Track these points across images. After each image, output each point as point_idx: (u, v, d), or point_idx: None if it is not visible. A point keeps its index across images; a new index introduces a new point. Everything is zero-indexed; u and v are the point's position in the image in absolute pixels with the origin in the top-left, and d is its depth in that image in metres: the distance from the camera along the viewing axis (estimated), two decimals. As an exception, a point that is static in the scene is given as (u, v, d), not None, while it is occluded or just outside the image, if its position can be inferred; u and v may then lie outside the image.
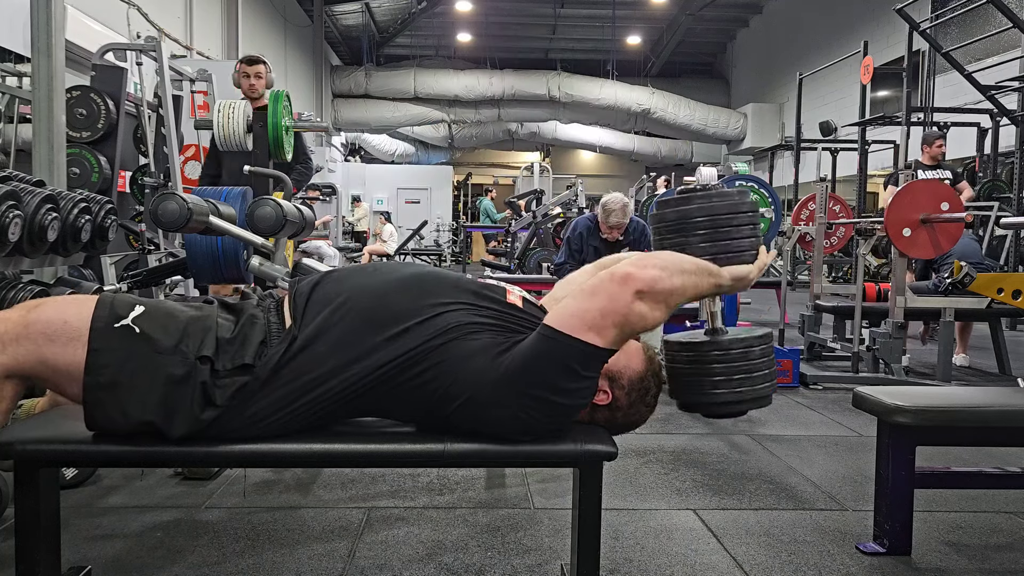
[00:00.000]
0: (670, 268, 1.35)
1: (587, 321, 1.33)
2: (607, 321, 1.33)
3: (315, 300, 1.42)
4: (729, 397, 1.43)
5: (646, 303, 1.33)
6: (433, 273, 1.51)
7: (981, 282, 3.87)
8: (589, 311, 1.33)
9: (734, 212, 1.43)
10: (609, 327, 1.33)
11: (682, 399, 1.52)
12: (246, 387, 1.34)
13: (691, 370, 1.45)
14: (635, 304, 1.32)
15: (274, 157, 4.05)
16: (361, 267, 1.58)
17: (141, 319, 1.34)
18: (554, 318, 1.36)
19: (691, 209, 1.43)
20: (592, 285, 1.37)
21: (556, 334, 1.34)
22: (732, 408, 1.47)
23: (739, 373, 1.42)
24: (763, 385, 1.45)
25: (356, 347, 1.37)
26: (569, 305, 1.37)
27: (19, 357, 1.29)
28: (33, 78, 3.09)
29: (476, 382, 1.36)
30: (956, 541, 2.14)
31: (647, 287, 1.32)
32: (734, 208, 1.43)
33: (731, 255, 1.42)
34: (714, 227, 1.42)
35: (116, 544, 1.99)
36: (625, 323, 1.33)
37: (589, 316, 1.33)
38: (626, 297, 1.32)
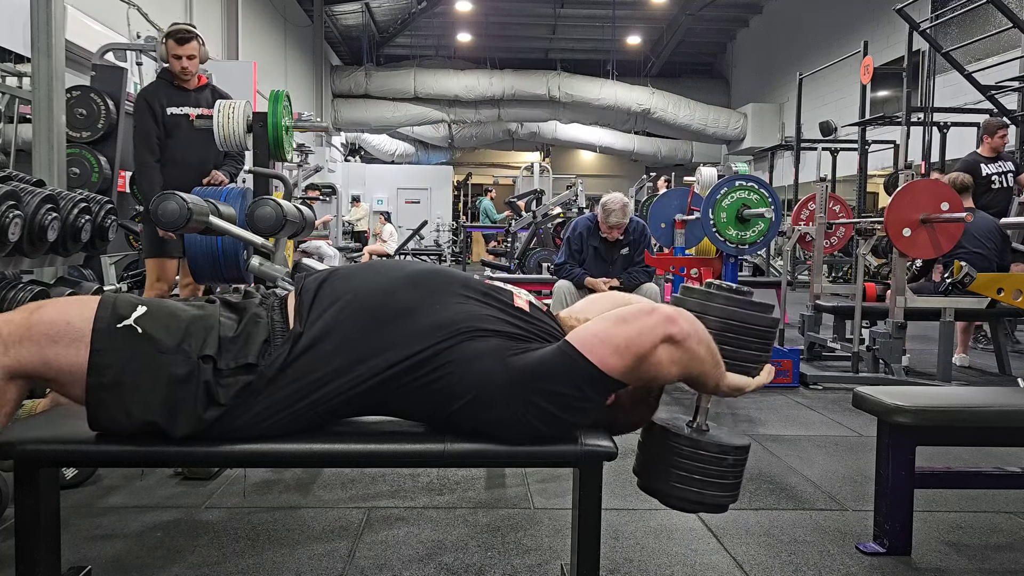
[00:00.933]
0: (703, 336, 1.35)
1: (610, 346, 1.32)
2: (630, 351, 1.32)
3: (321, 298, 1.42)
4: (688, 495, 1.43)
5: (671, 351, 1.32)
6: (441, 272, 1.50)
7: (981, 282, 3.87)
8: (616, 337, 1.32)
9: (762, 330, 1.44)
10: (630, 358, 1.32)
11: (643, 480, 1.52)
12: (250, 386, 1.34)
13: (661, 456, 1.45)
14: (661, 347, 1.31)
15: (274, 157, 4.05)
16: (368, 265, 1.57)
17: (143, 319, 1.34)
18: (578, 337, 1.35)
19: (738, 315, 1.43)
20: (627, 313, 1.36)
21: (576, 353, 1.33)
22: (688, 506, 1.47)
23: (707, 476, 1.42)
24: (724, 494, 1.45)
25: (363, 346, 1.37)
26: (596, 327, 1.36)
27: (22, 359, 1.29)
28: (33, 78, 3.09)
29: (482, 382, 1.36)
30: (956, 541, 2.14)
31: (680, 337, 1.31)
32: (764, 322, 1.44)
33: (738, 364, 1.42)
34: (739, 333, 1.42)
35: (116, 544, 1.99)
36: (645, 360, 1.32)
37: (614, 342, 1.32)
38: (657, 335, 1.31)
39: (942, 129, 8.84)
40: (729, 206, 4.40)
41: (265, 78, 10.84)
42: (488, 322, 1.39)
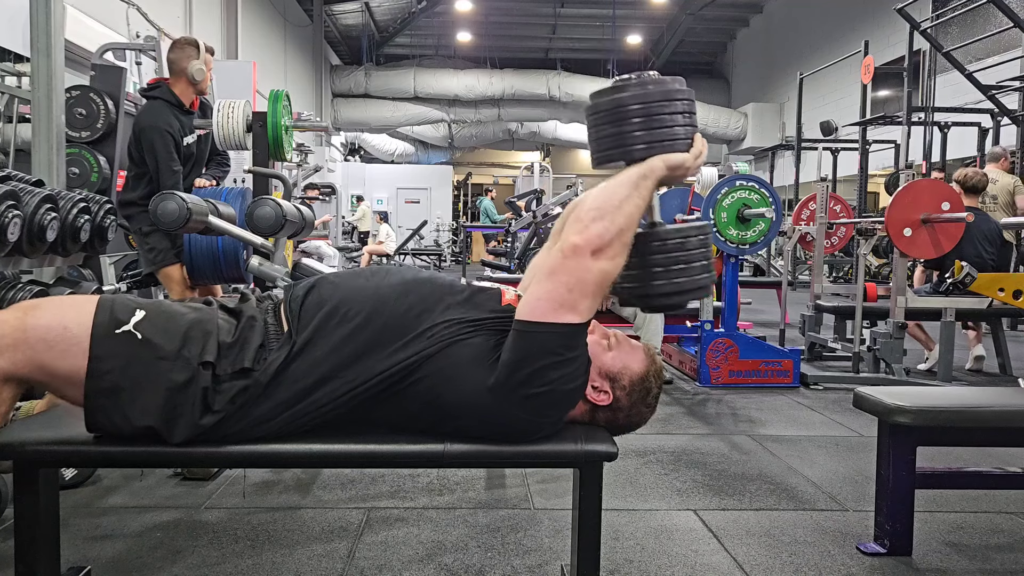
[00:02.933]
0: (608, 207, 1.33)
1: (556, 301, 1.32)
2: (575, 295, 1.32)
3: (309, 305, 1.42)
4: (667, 288, 1.41)
5: (605, 258, 1.32)
6: (426, 278, 1.50)
7: (981, 282, 3.88)
8: (555, 291, 1.32)
9: (668, 99, 1.39)
10: (579, 299, 1.32)
11: (621, 294, 1.48)
12: (247, 391, 1.34)
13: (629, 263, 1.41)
14: (595, 265, 1.31)
15: (274, 157, 4.04)
16: (355, 272, 1.57)
17: (142, 324, 1.33)
18: (524, 309, 1.35)
19: (625, 97, 1.39)
20: (549, 266, 1.35)
21: (530, 326, 1.33)
22: (672, 299, 1.43)
23: (677, 264, 1.40)
24: (701, 276, 1.43)
25: (350, 353, 1.37)
26: (534, 291, 1.36)
27: (17, 362, 1.28)
28: (33, 78, 3.09)
29: (472, 394, 1.36)
30: (957, 541, 2.14)
31: (599, 244, 1.31)
32: (668, 95, 1.39)
33: (665, 143, 1.38)
34: (648, 115, 1.38)
35: (116, 544, 1.99)
36: (595, 287, 1.33)
37: (557, 296, 1.32)
38: (585, 263, 1.31)
39: (943, 129, 8.84)
40: (730, 206, 4.40)
41: (265, 78, 10.85)
42: (474, 325, 1.39)
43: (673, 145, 1.39)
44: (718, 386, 4.18)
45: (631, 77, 1.42)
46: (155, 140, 3.29)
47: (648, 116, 1.38)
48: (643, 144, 1.38)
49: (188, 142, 3.48)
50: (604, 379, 1.47)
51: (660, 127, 1.38)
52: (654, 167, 1.37)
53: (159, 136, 3.30)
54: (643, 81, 1.40)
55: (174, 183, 3.27)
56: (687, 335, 4.72)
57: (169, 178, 3.29)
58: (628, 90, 1.39)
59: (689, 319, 4.69)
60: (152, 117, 3.34)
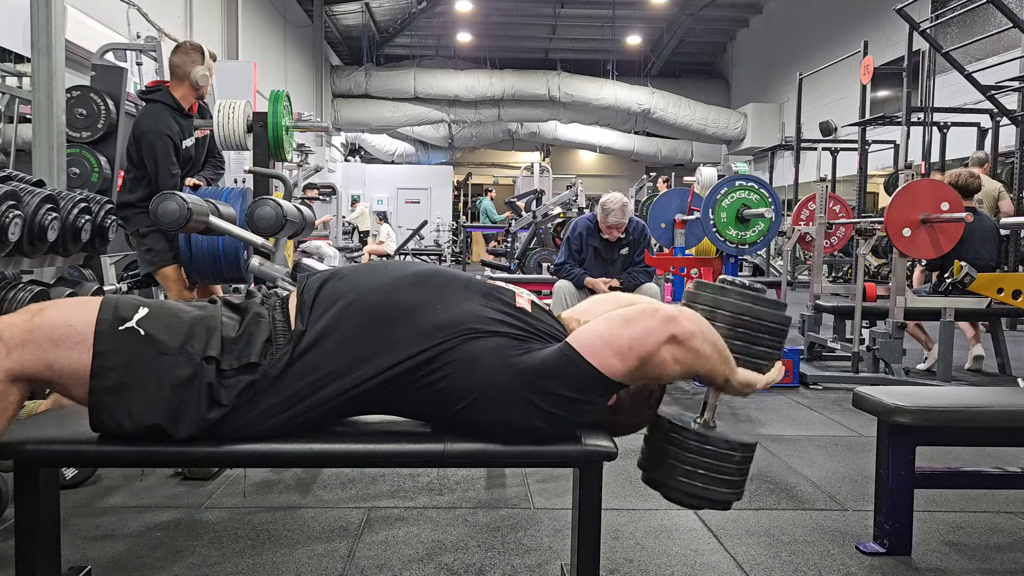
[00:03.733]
0: (708, 335, 1.35)
1: (613, 347, 1.32)
2: (633, 353, 1.31)
3: (323, 297, 1.41)
4: (694, 491, 1.42)
5: (674, 351, 1.31)
6: (443, 272, 1.50)
7: (981, 282, 3.87)
8: (619, 338, 1.32)
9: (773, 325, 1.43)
10: (633, 359, 1.32)
11: (648, 472, 1.51)
12: (254, 385, 1.34)
13: (667, 450, 1.44)
14: (665, 347, 1.31)
15: (274, 157, 4.05)
16: (371, 265, 1.57)
17: (145, 321, 1.34)
18: (581, 339, 1.35)
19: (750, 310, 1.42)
20: (630, 314, 1.35)
21: (577, 356, 1.33)
22: (692, 501, 1.45)
23: (712, 472, 1.42)
24: (729, 491, 1.45)
25: (366, 346, 1.36)
26: (599, 328, 1.35)
27: (24, 362, 1.28)
28: (33, 78, 3.09)
29: (485, 383, 1.35)
30: (956, 541, 2.14)
31: (684, 337, 1.31)
32: (776, 321, 1.43)
33: (749, 360, 1.41)
34: (751, 329, 1.41)
35: (116, 544, 1.99)
36: (649, 361, 1.32)
37: (617, 343, 1.32)
38: (660, 336, 1.31)
39: (942, 129, 8.84)
40: (729, 206, 4.40)
41: (265, 78, 10.84)
42: (490, 323, 1.39)
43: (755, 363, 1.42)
44: (718, 386, 4.17)
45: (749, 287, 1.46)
46: (155, 143, 3.29)
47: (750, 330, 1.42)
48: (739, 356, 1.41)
49: (187, 145, 3.48)
50: None
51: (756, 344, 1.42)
52: (736, 371, 1.39)
53: (159, 139, 3.30)
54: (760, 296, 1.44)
55: (172, 186, 3.26)
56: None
57: (168, 181, 3.28)
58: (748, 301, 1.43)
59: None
60: (152, 120, 3.33)
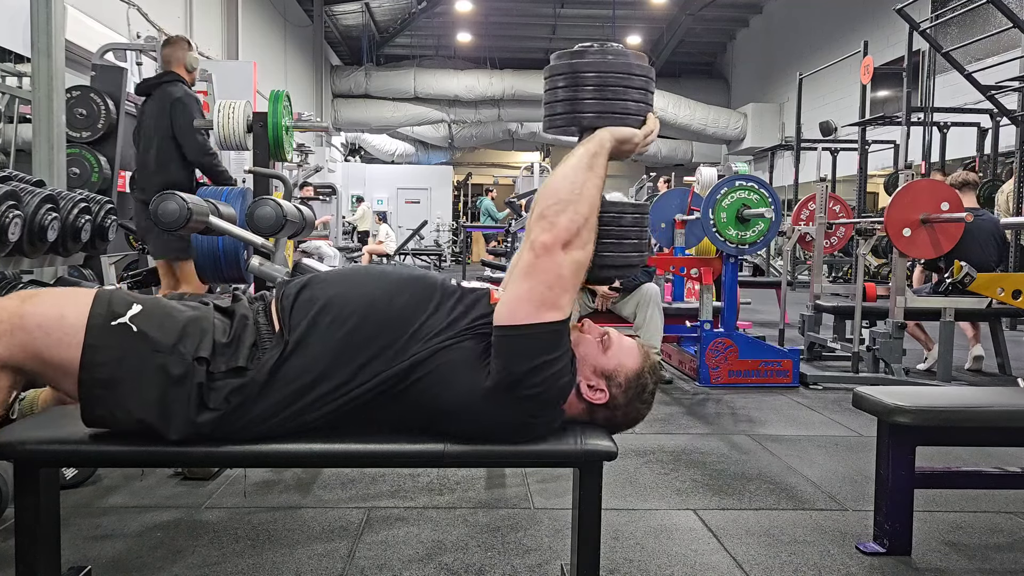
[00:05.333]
0: (569, 199, 1.33)
1: (536, 300, 1.32)
2: (555, 292, 1.32)
3: (300, 303, 1.41)
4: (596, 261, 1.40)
5: (576, 248, 1.32)
6: (419, 277, 1.50)
7: (981, 282, 3.87)
8: (534, 290, 1.32)
9: (626, 72, 1.39)
10: (559, 295, 1.32)
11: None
12: (242, 389, 1.33)
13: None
14: (568, 258, 1.32)
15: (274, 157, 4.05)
16: (348, 270, 1.57)
17: (139, 317, 1.34)
18: (502, 314, 1.34)
19: (583, 63, 1.39)
20: (523, 266, 1.35)
21: (513, 330, 1.32)
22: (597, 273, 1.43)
23: (608, 238, 1.40)
24: (632, 254, 1.43)
25: (345, 353, 1.36)
26: (512, 293, 1.35)
27: (13, 349, 1.27)
28: (33, 78, 3.09)
29: (467, 396, 1.36)
30: (956, 541, 2.14)
31: (568, 236, 1.31)
32: (626, 68, 1.39)
33: (617, 115, 1.39)
34: (604, 84, 1.38)
35: (116, 544, 1.99)
36: (572, 280, 1.33)
37: (536, 295, 1.32)
38: (558, 259, 1.31)
39: (942, 129, 8.85)
40: (729, 206, 4.40)
41: (265, 78, 10.84)
42: (462, 329, 1.39)
43: (624, 119, 1.39)
44: (718, 386, 4.18)
45: (592, 44, 1.42)
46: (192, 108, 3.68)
47: (603, 85, 1.38)
48: (594, 112, 1.39)
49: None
50: (600, 378, 1.47)
51: (614, 98, 1.38)
52: (603, 140, 1.38)
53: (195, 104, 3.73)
54: (604, 50, 1.40)
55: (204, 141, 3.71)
56: (687, 335, 4.72)
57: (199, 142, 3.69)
58: (587, 56, 1.39)
59: (689, 319, 4.69)
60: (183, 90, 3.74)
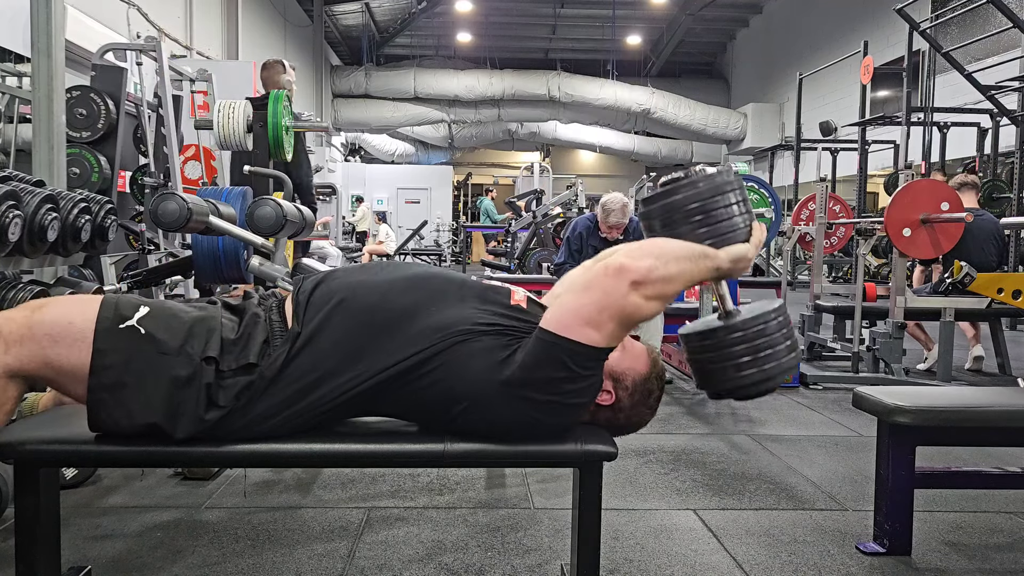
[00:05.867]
0: (665, 256, 1.32)
1: (583, 317, 1.31)
2: (604, 316, 1.31)
3: (317, 297, 1.42)
4: (757, 377, 1.38)
5: (642, 294, 1.30)
6: (438, 274, 1.50)
7: (981, 282, 3.88)
8: (585, 307, 1.32)
9: (720, 192, 1.38)
10: (606, 321, 1.31)
11: (711, 388, 1.46)
12: (251, 386, 1.34)
13: (713, 357, 1.40)
14: (631, 296, 1.30)
15: (274, 157, 4.05)
16: (365, 266, 1.57)
17: (146, 320, 1.34)
18: (551, 318, 1.35)
19: (678, 200, 1.38)
20: (586, 280, 1.35)
21: (552, 336, 1.32)
22: (763, 387, 1.41)
23: (762, 351, 1.37)
24: (788, 357, 1.40)
25: (359, 347, 1.36)
26: (565, 302, 1.35)
27: (23, 358, 1.28)
28: (33, 78, 3.09)
29: (481, 385, 1.35)
30: (956, 541, 2.14)
31: (642, 277, 1.29)
32: (719, 189, 1.38)
33: (726, 237, 1.37)
34: (704, 212, 1.37)
35: (116, 544, 1.99)
36: (622, 315, 1.31)
37: (585, 312, 1.31)
38: (621, 289, 1.29)
39: (942, 129, 8.85)
40: (729, 206, 4.40)
41: (265, 78, 10.82)
42: (481, 324, 1.39)
43: (734, 236, 1.38)
44: (718, 386, 4.17)
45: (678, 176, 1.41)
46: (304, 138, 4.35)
47: (704, 214, 1.37)
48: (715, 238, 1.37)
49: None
50: (607, 379, 1.47)
51: (716, 222, 1.37)
52: (718, 255, 1.36)
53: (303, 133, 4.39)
54: (693, 180, 1.39)
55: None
56: (687, 335, 4.71)
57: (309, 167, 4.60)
58: (679, 192, 1.39)
59: (689, 319, 4.69)
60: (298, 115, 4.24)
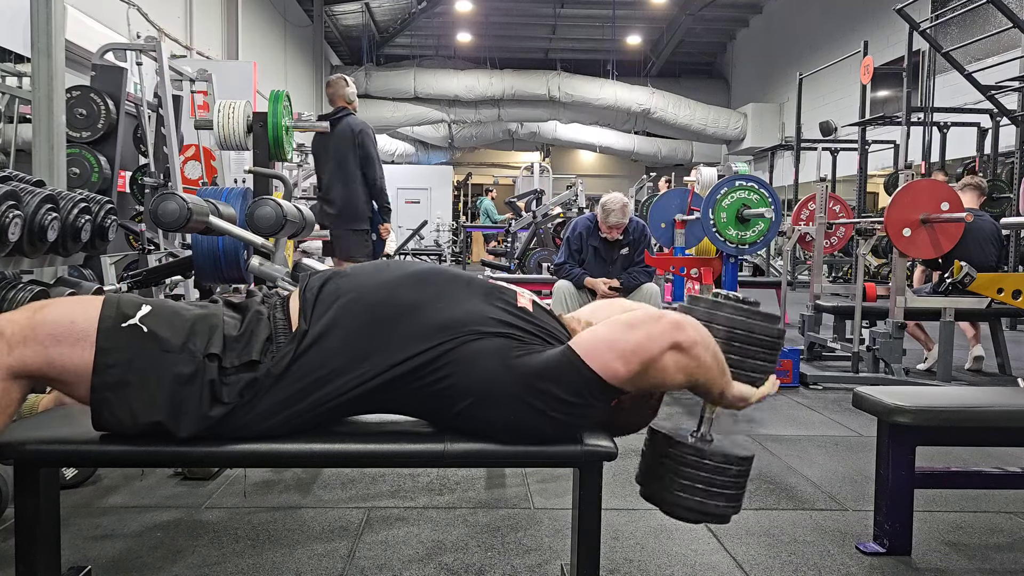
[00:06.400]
0: (710, 345, 1.34)
1: (616, 350, 1.31)
2: (636, 357, 1.30)
3: (325, 295, 1.41)
4: (691, 504, 1.40)
5: (677, 358, 1.30)
6: (445, 272, 1.50)
7: (981, 282, 3.88)
8: (622, 342, 1.31)
9: (769, 335, 1.43)
10: (636, 364, 1.31)
11: (646, 488, 1.50)
12: (255, 383, 1.34)
13: (663, 464, 1.43)
14: (669, 353, 1.30)
15: (274, 157, 4.05)
16: (373, 264, 1.57)
17: (148, 318, 1.34)
18: (583, 342, 1.34)
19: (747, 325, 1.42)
20: (634, 318, 1.34)
21: (579, 360, 1.32)
22: (690, 515, 1.44)
23: (711, 486, 1.40)
24: (727, 504, 1.42)
25: (367, 344, 1.36)
26: (602, 332, 1.35)
27: (26, 359, 1.28)
28: (33, 78, 3.09)
29: (486, 384, 1.35)
30: (956, 541, 2.14)
31: (687, 344, 1.30)
32: (774, 341, 1.43)
33: (743, 373, 1.41)
34: (745, 343, 1.41)
35: (116, 544, 1.99)
36: (652, 366, 1.31)
37: (620, 347, 1.31)
38: (665, 342, 1.30)
39: (942, 129, 8.85)
40: (729, 206, 4.40)
41: (265, 78, 10.84)
42: (491, 323, 1.39)
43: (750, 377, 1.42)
44: (718, 386, 4.17)
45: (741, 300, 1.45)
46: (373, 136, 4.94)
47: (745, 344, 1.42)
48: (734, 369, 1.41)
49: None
50: None
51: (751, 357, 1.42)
52: (731, 383, 1.39)
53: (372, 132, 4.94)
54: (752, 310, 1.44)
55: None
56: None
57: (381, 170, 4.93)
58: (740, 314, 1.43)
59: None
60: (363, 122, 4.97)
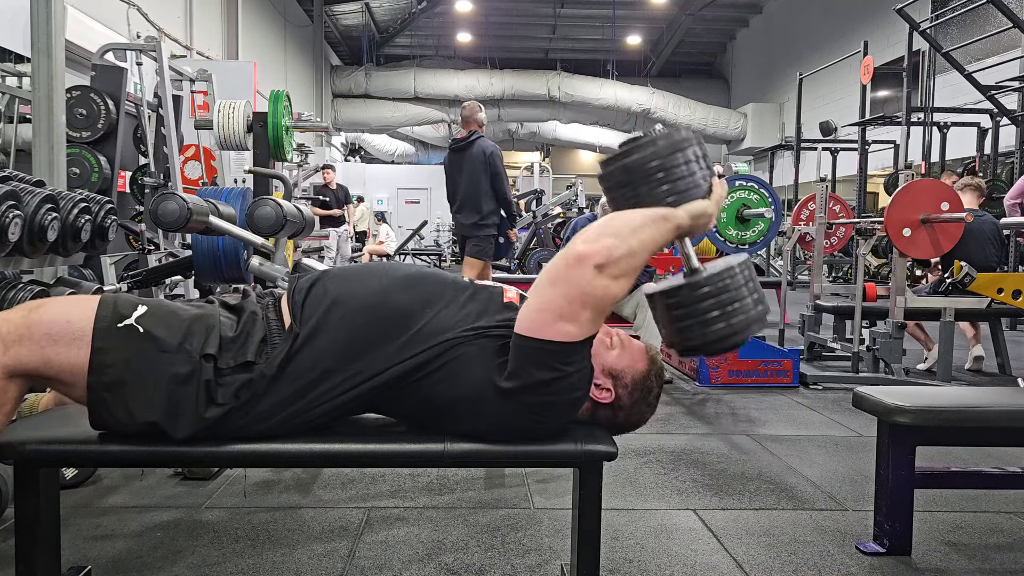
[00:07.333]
0: (622, 231, 1.29)
1: (554, 313, 1.29)
2: (575, 306, 1.28)
3: (313, 297, 1.42)
4: (725, 331, 1.34)
5: (608, 274, 1.27)
6: (430, 274, 1.51)
7: (981, 282, 3.88)
8: (553, 302, 1.30)
9: (679, 149, 1.36)
10: (579, 311, 1.28)
11: (681, 346, 1.42)
12: (251, 384, 1.34)
13: (679, 315, 1.37)
14: (597, 279, 1.27)
15: (274, 157, 4.05)
16: (360, 266, 1.58)
17: (144, 318, 1.34)
18: (523, 322, 1.33)
19: (636, 160, 1.35)
20: (549, 275, 1.32)
21: (528, 340, 1.31)
22: (731, 341, 1.37)
23: (728, 305, 1.34)
24: (755, 309, 1.37)
25: (357, 345, 1.37)
26: (532, 303, 1.34)
27: (22, 358, 1.28)
28: (33, 78, 3.09)
29: (480, 389, 1.36)
30: (956, 541, 2.14)
31: (604, 258, 1.27)
32: (678, 146, 1.36)
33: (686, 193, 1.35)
34: (663, 170, 1.34)
35: (116, 544, 1.99)
36: (593, 301, 1.28)
37: (554, 307, 1.29)
38: (586, 275, 1.27)
39: (942, 129, 8.85)
40: (729, 206, 4.40)
41: (265, 78, 10.85)
42: (477, 325, 1.39)
43: (694, 193, 1.36)
44: (717, 386, 4.18)
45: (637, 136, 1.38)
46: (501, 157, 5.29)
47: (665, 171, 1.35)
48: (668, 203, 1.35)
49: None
50: (607, 377, 1.47)
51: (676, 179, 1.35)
52: (676, 214, 1.33)
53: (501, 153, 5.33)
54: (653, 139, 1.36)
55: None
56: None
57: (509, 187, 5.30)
58: (637, 152, 1.36)
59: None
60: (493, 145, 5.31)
